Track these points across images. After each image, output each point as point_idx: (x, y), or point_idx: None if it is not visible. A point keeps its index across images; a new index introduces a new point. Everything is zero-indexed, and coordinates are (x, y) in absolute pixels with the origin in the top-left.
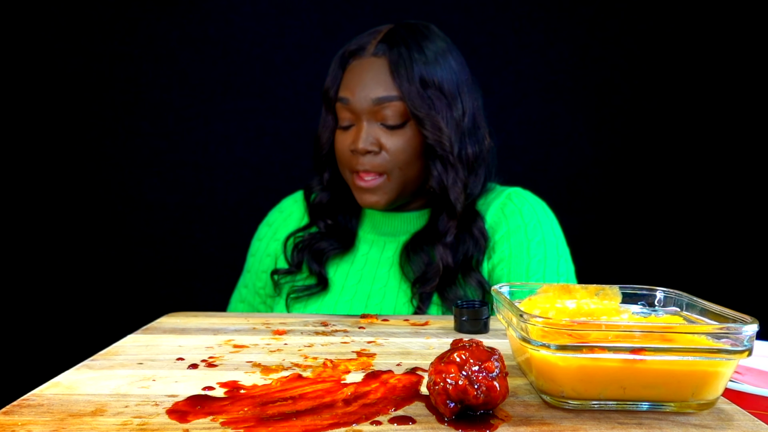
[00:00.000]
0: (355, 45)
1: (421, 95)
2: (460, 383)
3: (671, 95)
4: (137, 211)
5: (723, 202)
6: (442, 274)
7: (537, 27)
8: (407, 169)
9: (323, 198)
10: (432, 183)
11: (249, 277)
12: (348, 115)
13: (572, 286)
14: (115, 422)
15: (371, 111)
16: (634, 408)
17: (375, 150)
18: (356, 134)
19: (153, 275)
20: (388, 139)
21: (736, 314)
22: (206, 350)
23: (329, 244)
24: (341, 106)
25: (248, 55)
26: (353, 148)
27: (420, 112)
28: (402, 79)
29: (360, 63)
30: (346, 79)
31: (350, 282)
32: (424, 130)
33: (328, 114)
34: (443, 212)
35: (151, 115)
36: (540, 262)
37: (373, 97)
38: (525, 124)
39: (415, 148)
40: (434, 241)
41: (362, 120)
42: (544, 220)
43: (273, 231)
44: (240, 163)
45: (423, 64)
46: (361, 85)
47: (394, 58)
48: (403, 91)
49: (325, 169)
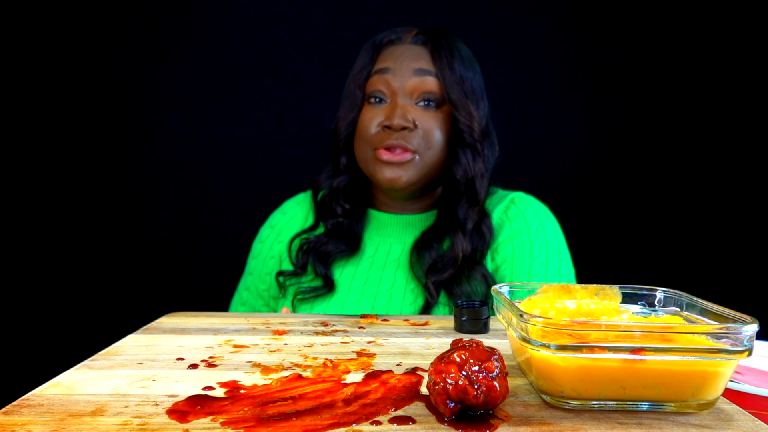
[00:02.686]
0: (390, 35)
1: (457, 82)
2: (460, 383)
3: (672, 96)
4: (138, 211)
5: (723, 202)
6: (459, 263)
7: (536, 28)
8: (436, 151)
9: (341, 182)
10: (458, 170)
11: (251, 279)
12: (384, 89)
13: (572, 286)
14: (115, 422)
15: (410, 86)
16: (634, 408)
17: (410, 126)
18: (391, 110)
19: (153, 275)
20: (422, 118)
21: (736, 314)
22: (206, 350)
23: (335, 247)
24: (377, 79)
25: (252, 56)
26: (388, 123)
27: (455, 96)
28: (442, 64)
29: (399, 47)
30: (384, 57)
31: (356, 284)
32: (458, 113)
33: (356, 92)
34: (463, 201)
35: (153, 115)
36: (542, 263)
37: (416, 67)
38: (525, 125)
39: (446, 133)
40: (453, 230)
41: (398, 96)
42: (547, 223)
43: (276, 233)
44: (240, 163)
45: (459, 60)
46: (403, 58)
47: (436, 47)
48: (443, 73)
49: (343, 153)
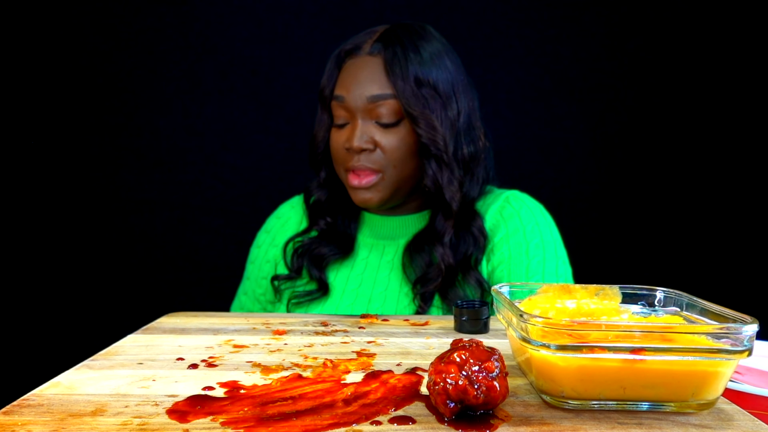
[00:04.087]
0: (351, 44)
1: (415, 94)
2: (460, 383)
3: (671, 96)
4: (137, 211)
5: (723, 203)
6: (444, 274)
7: (536, 28)
8: (402, 167)
9: (321, 196)
10: (427, 182)
11: (248, 284)
12: (343, 113)
13: (572, 286)
14: (115, 422)
15: (366, 109)
16: (634, 408)
17: (370, 148)
18: (351, 132)
19: (153, 275)
20: (382, 137)
21: (736, 314)
22: (206, 350)
23: (329, 250)
24: (336, 104)
25: (250, 57)
26: (348, 146)
27: (414, 110)
28: (397, 78)
29: (355, 62)
30: (342, 78)
31: (351, 286)
32: (418, 128)
33: (323, 112)
34: (440, 212)
35: (152, 115)
36: (539, 263)
37: (368, 95)
38: (525, 125)
39: (410, 147)
40: (434, 241)
41: (357, 118)
42: (542, 222)
43: (271, 237)
44: (241, 163)
45: (418, 63)
46: (356, 83)
47: (389, 57)
48: (397, 89)
49: (321, 167)
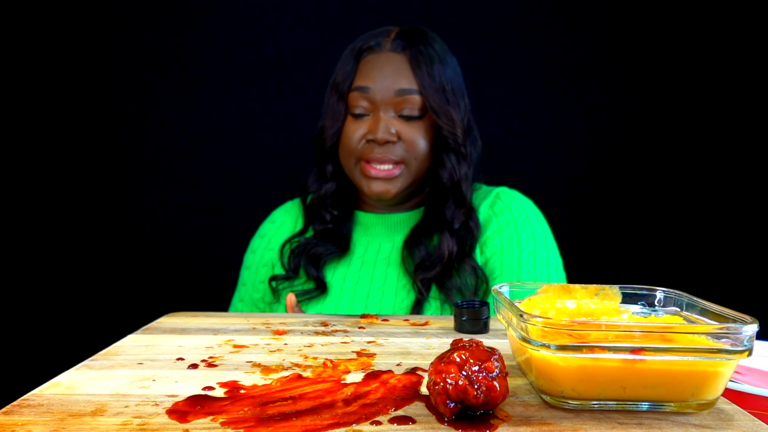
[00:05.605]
0: (370, 41)
1: (437, 90)
2: (460, 383)
3: (671, 95)
4: (138, 212)
5: (723, 203)
6: (446, 261)
7: (534, 27)
8: (421, 160)
9: (328, 189)
10: (443, 175)
11: (245, 290)
12: (365, 104)
13: (572, 286)
14: (115, 422)
15: (392, 102)
16: (634, 408)
17: (393, 140)
18: (374, 124)
19: (153, 275)
20: (405, 130)
21: (736, 314)
22: (206, 350)
23: (325, 249)
24: (358, 95)
25: (251, 58)
26: (371, 137)
27: (437, 105)
28: (423, 74)
29: (378, 56)
30: (364, 70)
31: (348, 284)
32: (440, 121)
33: (339, 104)
34: (450, 202)
35: (152, 115)
36: (530, 254)
37: (396, 88)
38: (524, 125)
39: (430, 140)
40: (440, 229)
41: (380, 110)
42: (532, 215)
43: (266, 241)
44: (240, 163)
45: (438, 62)
46: (383, 77)
47: (414, 55)
48: (423, 85)
49: (329, 161)
